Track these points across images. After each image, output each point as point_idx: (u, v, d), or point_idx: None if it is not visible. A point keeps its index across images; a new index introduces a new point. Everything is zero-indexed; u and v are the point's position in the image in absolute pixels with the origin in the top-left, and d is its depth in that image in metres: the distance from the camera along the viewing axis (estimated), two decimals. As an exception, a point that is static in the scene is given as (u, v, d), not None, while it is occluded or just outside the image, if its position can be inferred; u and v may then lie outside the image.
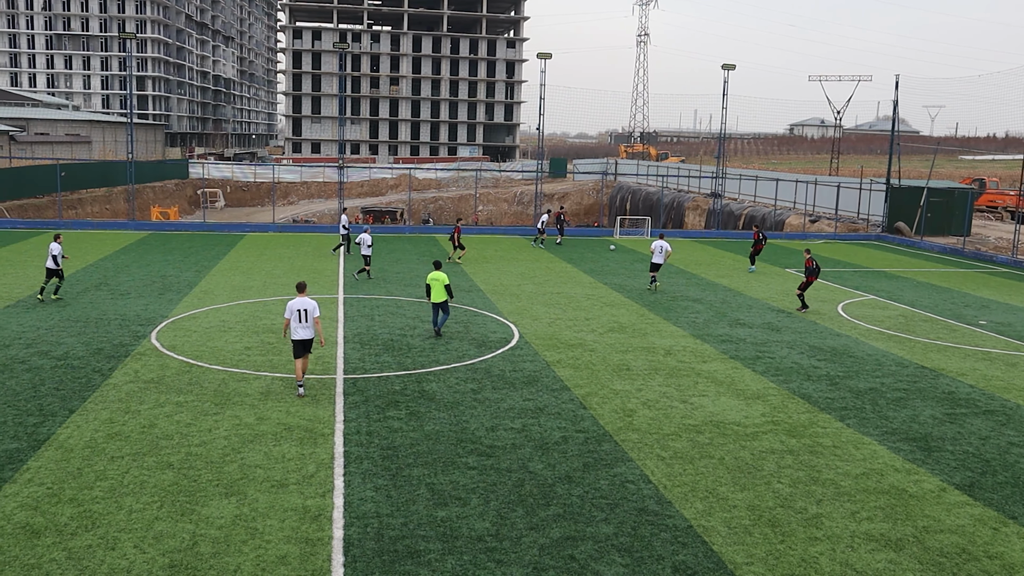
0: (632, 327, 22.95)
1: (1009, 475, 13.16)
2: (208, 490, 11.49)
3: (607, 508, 11.40)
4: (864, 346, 21.70)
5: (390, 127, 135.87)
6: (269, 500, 11.24)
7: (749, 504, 11.70)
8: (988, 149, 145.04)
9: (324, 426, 14.17)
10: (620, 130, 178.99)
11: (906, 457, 13.76)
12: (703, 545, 10.46)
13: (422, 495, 11.57)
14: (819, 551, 10.42)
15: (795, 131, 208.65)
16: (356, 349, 19.42)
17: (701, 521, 11.12)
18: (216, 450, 12.94)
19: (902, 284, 32.93)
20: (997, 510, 11.83)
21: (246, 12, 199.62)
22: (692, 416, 15.45)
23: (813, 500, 11.92)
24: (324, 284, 28.15)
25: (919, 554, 10.46)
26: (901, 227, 50.91)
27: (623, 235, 48.14)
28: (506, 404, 15.72)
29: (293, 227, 49.52)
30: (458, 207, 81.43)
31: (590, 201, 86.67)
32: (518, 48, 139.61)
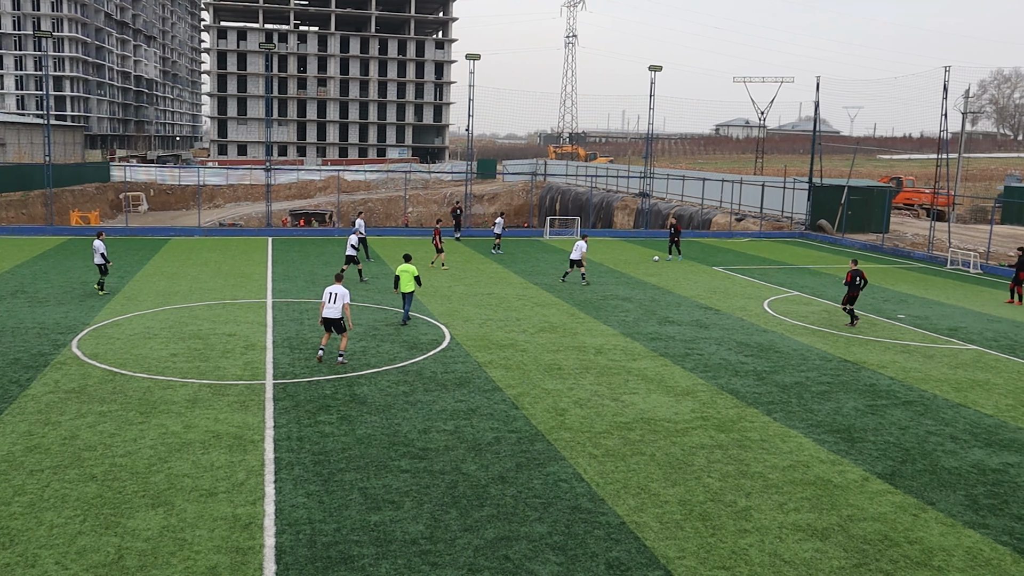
0: (563, 327, 23.10)
1: (927, 463, 13.61)
2: (134, 502, 11.20)
3: (541, 507, 11.46)
4: (789, 341, 22.22)
5: (318, 129, 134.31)
6: (198, 510, 11.00)
7: (680, 499, 11.87)
8: (904, 149, 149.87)
9: (254, 432, 13.94)
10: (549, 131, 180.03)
11: (831, 448, 14.13)
12: (636, 541, 10.58)
13: (355, 500, 11.46)
14: (749, 543, 10.63)
15: (720, 131, 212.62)
16: (286, 354, 19.15)
17: (634, 517, 11.25)
18: (142, 460, 12.62)
19: (825, 280, 33.81)
20: (916, 497, 12.23)
21: (168, 11, 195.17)
22: (623, 414, 15.61)
23: (742, 493, 12.15)
24: (252, 288, 27.69)
25: (844, 542, 10.75)
26: (823, 225, 52.26)
27: (553, 235, 48.41)
28: (438, 406, 15.68)
29: (220, 231, 48.58)
30: (388, 209, 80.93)
31: (520, 202, 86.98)
32: (447, 49, 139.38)
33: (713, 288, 30.68)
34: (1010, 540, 10.98)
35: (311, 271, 31.88)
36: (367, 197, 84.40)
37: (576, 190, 79.55)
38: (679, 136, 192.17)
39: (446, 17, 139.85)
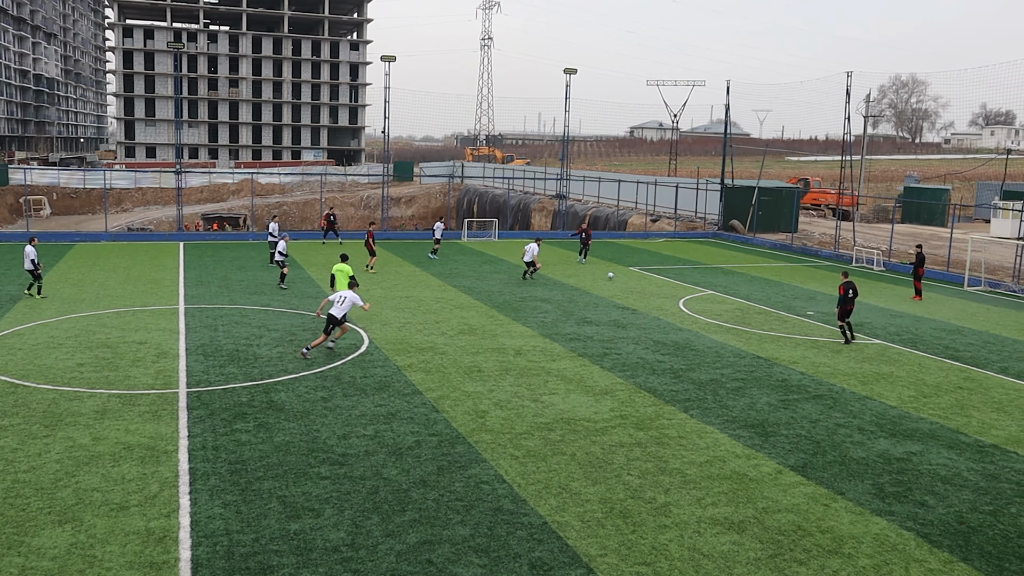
0: (482, 329, 23.12)
1: (837, 454, 14.07)
2: (39, 519, 10.77)
3: (463, 510, 11.44)
4: (704, 339, 22.68)
5: (230, 130, 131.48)
6: (108, 525, 10.64)
7: (601, 497, 12.00)
8: (811, 151, 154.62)
9: (167, 443, 13.56)
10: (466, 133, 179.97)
11: (745, 443, 14.47)
12: (558, 540, 10.65)
13: (273, 509, 11.25)
14: (668, 538, 10.81)
15: (635, 133, 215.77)
16: (199, 361, 18.68)
17: (555, 517, 11.32)
18: (47, 475, 12.14)
19: (737, 279, 34.63)
20: (827, 487, 12.62)
21: (70, 8, 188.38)
22: (543, 414, 15.71)
23: (661, 490, 12.35)
24: (163, 294, 26.93)
25: (760, 534, 11.02)
26: (735, 225, 53.53)
27: (471, 237, 48.42)
28: (358, 411, 15.51)
29: (128, 235, 47.12)
30: (304, 212, 79.76)
31: (437, 204, 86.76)
32: (362, 50, 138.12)
33: (630, 288, 31.12)
34: (914, 525, 11.42)
35: (225, 276, 31.18)
36: (282, 200, 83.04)
37: (493, 192, 79.75)
38: (595, 138, 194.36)
39: (360, 18, 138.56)
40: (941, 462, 13.93)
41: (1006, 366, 20.92)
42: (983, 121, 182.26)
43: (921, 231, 55.65)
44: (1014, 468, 13.79)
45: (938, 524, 11.53)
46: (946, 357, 21.57)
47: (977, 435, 15.42)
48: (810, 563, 10.31)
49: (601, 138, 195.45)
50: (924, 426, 15.82)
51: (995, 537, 11.21)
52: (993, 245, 42.98)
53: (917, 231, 55.52)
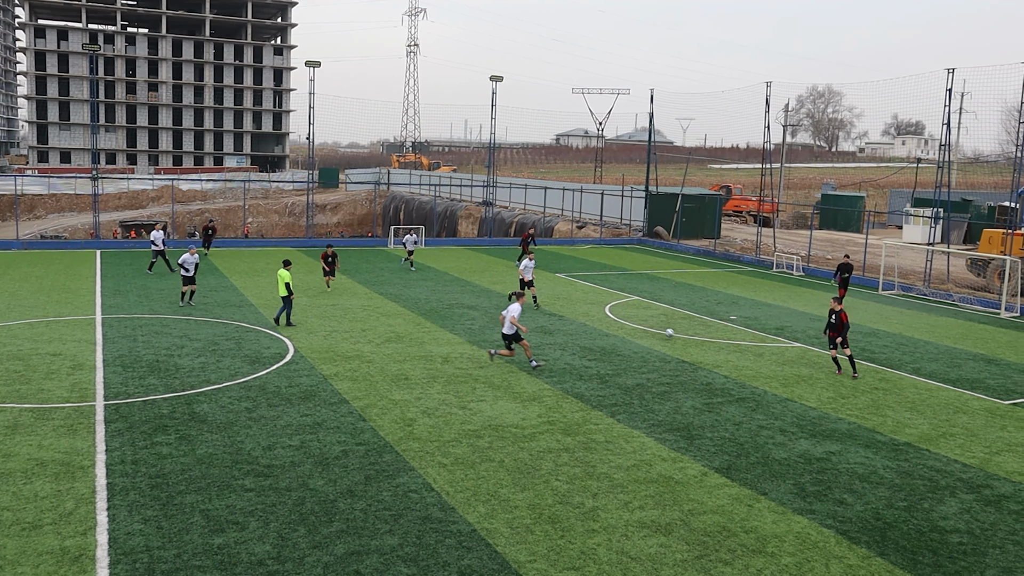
0: (409, 336, 22.99)
1: (760, 456, 14.37)
2: (-54, 538, 10.31)
3: (391, 519, 11.34)
4: (631, 344, 22.95)
5: (150, 136, 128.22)
6: (20, 545, 10.24)
7: (530, 503, 12.03)
8: (732, 158, 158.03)
9: (83, 458, 13.12)
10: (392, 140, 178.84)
11: (671, 447, 14.68)
12: (487, 547, 10.64)
13: (196, 523, 10.98)
14: (597, 542, 10.89)
15: (561, 141, 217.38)
16: (118, 373, 18.15)
17: (484, 524, 11.30)
18: (-46, 493, 11.63)
19: (662, 284, 35.15)
20: (751, 488, 12.88)
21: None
22: (471, 421, 15.68)
23: (589, 494, 12.44)
24: (79, 304, 26.10)
25: (686, 535, 11.18)
26: (660, 231, 54.35)
27: (397, 245, 48.11)
28: (283, 421, 15.26)
29: (41, 243, 45.58)
30: (227, 219, 78.23)
31: (364, 211, 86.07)
32: (286, 56, 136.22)
33: (557, 295, 31.32)
34: (834, 523, 11.73)
35: (144, 285, 30.37)
36: (204, 207, 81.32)
37: (420, 199, 79.48)
38: (521, 145, 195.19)
39: (285, 23, 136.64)
40: (859, 461, 14.34)
41: (918, 367, 21.67)
42: (895, 131, 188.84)
43: (838, 237, 57.35)
44: (926, 465, 14.28)
45: (856, 521, 11.87)
46: (862, 359, 22.23)
47: (892, 434, 15.93)
48: (735, 563, 10.51)
49: (527, 145, 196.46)
50: (842, 426, 16.27)
51: (909, 532, 11.59)
52: (905, 250, 44.52)
53: (834, 237, 57.19)
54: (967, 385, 19.99)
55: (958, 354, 23.50)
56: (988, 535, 11.64)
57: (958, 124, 66.25)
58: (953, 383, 20.12)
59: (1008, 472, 14.15)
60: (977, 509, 12.51)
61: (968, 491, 13.21)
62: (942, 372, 21.19)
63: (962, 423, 16.87)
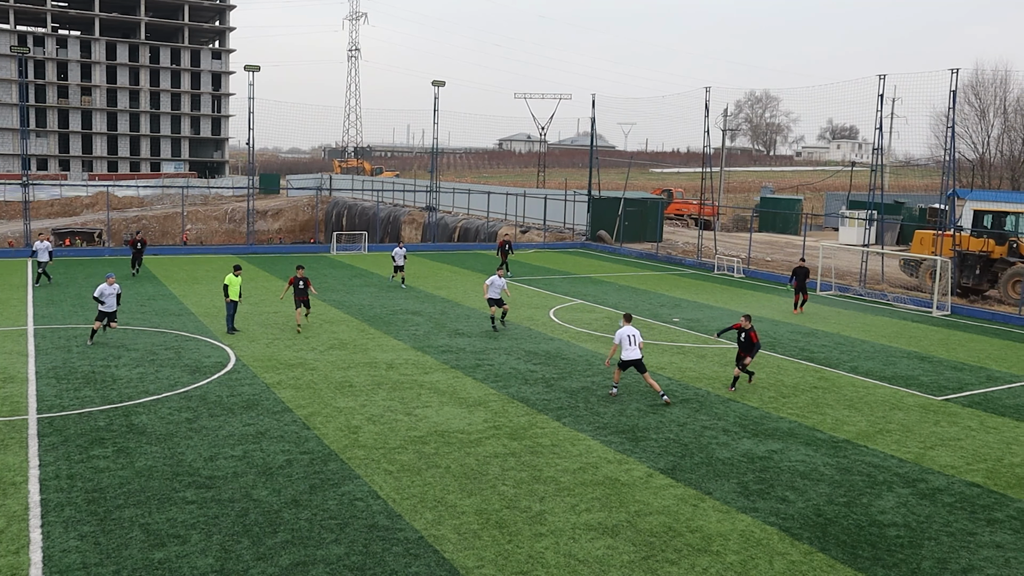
0: (353, 343, 22.79)
1: (704, 456, 14.54)
2: None
3: (337, 529, 11.21)
4: (575, 348, 23.05)
5: (83, 141, 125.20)
6: (-51, 563, 9.90)
7: (477, 509, 12.00)
8: (673, 163, 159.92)
9: (15, 474, 12.73)
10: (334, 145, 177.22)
11: (617, 448, 14.77)
12: (435, 554, 10.58)
13: (136, 537, 10.73)
14: (544, 546, 10.90)
15: (504, 146, 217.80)
16: (51, 385, 17.66)
17: (431, 531, 11.24)
18: None
19: (606, 288, 35.39)
20: (696, 488, 13.02)
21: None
22: (417, 428, 15.60)
23: (536, 498, 12.45)
24: (9, 315, 25.33)
25: (633, 536, 11.26)
26: (603, 235, 54.76)
27: (340, 251, 47.72)
28: (225, 431, 15.00)
29: (-31, 253, 44.13)
30: (164, 226, 76.77)
31: (305, 217, 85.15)
32: (224, 60, 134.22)
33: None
34: (776, 520, 11.92)
35: (78, 294, 29.61)
36: (141, 214, 79.67)
37: (363, 204, 78.93)
38: (464, 150, 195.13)
39: (223, 26, 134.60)
40: (800, 459, 14.60)
41: (856, 365, 22.16)
42: (830, 135, 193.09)
43: (777, 239, 58.41)
44: (864, 461, 14.60)
45: (798, 518, 12.07)
46: (802, 359, 22.66)
47: (831, 431, 16.26)
48: (681, 562, 10.61)
49: (470, 150, 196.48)
50: (784, 425, 16.55)
51: (849, 527, 11.83)
52: (842, 252, 45.52)
53: (773, 239, 58.23)
54: (902, 382, 20.50)
55: (893, 352, 24.08)
56: (924, 527, 11.93)
57: (890, 129, 68.18)
58: (889, 380, 20.61)
59: (941, 466, 14.53)
60: (913, 503, 12.83)
61: (904, 485, 13.53)
62: (878, 370, 21.70)
63: (898, 419, 17.29)
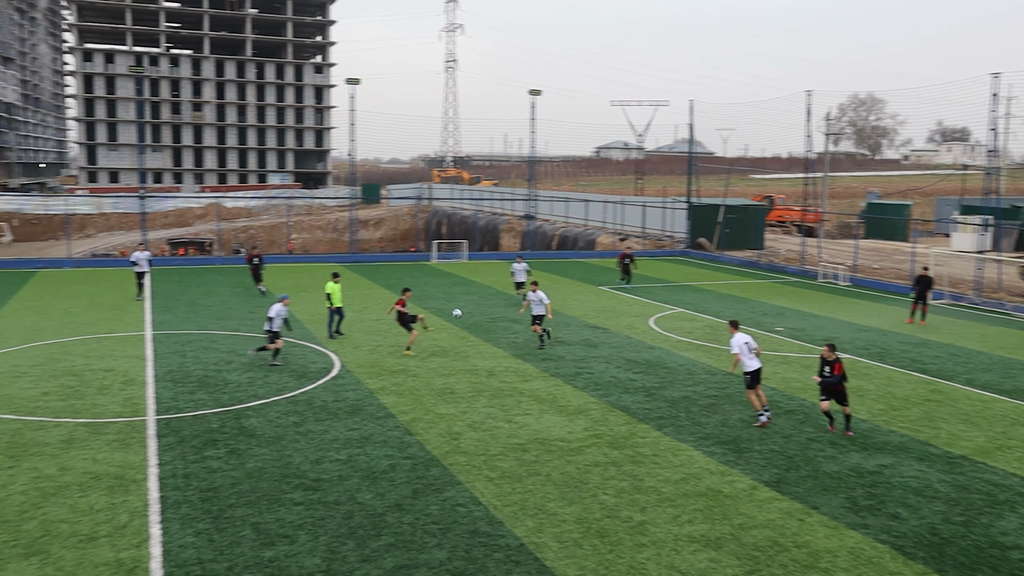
0: (454, 350, 23.04)
1: (810, 469, 14.15)
2: (4, 552, 10.52)
3: (439, 533, 11.34)
4: (676, 357, 22.77)
5: (195, 154, 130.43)
6: (77, 557, 10.42)
7: (577, 517, 11.96)
8: (774, 168, 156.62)
9: (136, 472, 13.33)
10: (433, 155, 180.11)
11: (720, 460, 14.51)
12: (535, 562, 10.59)
13: (247, 536, 11.09)
14: (646, 557, 10.79)
15: (601, 153, 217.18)
16: (168, 388, 18.43)
17: (532, 538, 11.26)
18: (12, 507, 11.87)
19: (706, 296, 34.87)
20: (802, 502, 12.68)
21: (28, 32, 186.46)
22: (518, 435, 15.66)
23: (637, 508, 12.34)
24: (130, 321, 26.56)
25: (737, 550, 11.04)
26: (703, 242, 53.97)
27: (440, 259, 48.35)
28: (330, 435, 15.37)
29: (92, 261, 46.54)
30: (271, 235, 79.20)
31: (406, 226, 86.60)
32: (326, 73, 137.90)
33: (600, 307, 31.21)
34: (888, 538, 11.50)
35: (192, 301, 30.83)
36: (249, 224, 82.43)
37: (462, 213, 79.79)
38: (561, 158, 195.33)
39: (324, 41, 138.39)
40: (912, 474, 14.06)
41: (972, 377, 21.21)
42: (940, 138, 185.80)
43: (884, 246, 56.46)
44: (983, 479, 13.96)
45: (912, 536, 11.62)
46: (913, 370, 21.83)
47: (946, 447, 15.60)
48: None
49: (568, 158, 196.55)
50: (894, 439, 15.97)
51: (968, 548, 11.33)
52: (954, 259, 43.70)
53: (880, 246, 56.31)
54: (1023, 396, 19.52)
55: (1012, 364, 22.97)
56: (1050, 550, 11.33)
57: (1006, 129, 65.08)
58: (1008, 394, 19.67)
59: (1069, 485, 13.78)
60: (1037, 523, 12.19)
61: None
62: (996, 383, 20.73)
63: (1019, 436, 16.47)
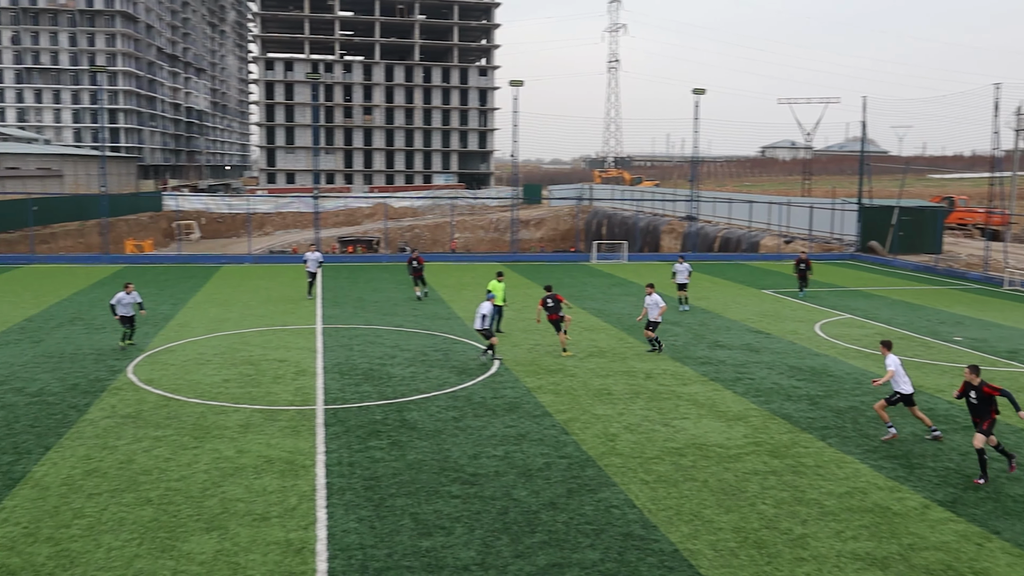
0: (612, 351, 22.97)
1: (990, 490, 13.22)
2: (188, 525, 11.32)
3: (592, 534, 11.34)
4: (843, 365, 21.83)
5: (364, 156, 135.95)
6: (251, 534, 11.08)
7: (734, 526, 11.68)
8: (955, 167, 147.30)
9: (305, 458, 14.03)
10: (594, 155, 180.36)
11: (888, 475, 13.80)
12: (690, 569, 10.42)
13: (406, 525, 11.46)
14: (806, 572, 10.40)
15: (767, 153, 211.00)
16: (336, 379, 19.29)
17: (687, 545, 11.08)
18: (196, 485, 12.76)
19: (877, 302, 33.22)
20: (980, 525, 11.87)
21: (217, 44, 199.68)
22: (674, 439, 15.44)
23: (798, 520, 11.92)
24: (302, 314, 28.00)
25: (905, 572, 10.46)
26: (874, 246, 51.45)
27: (600, 259, 48.30)
28: (488, 431, 15.65)
29: (269, 258, 49.30)
30: (435, 235, 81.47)
31: (566, 227, 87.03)
32: (490, 76, 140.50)
33: (763, 312, 30.32)
34: (1080, 570, 10.59)
35: (359, 297, 32.14)
36: (414, 223, 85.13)
37: (622, 214, 79.40)
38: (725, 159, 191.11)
39: (489, 44, 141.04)
40: (1109, 501, 12.89)
41: None
42: None
43: (1081, 252, 51.98)
44: None
45: (1107, 568, 10.66)
46: (1112, 388, 20.00)
47: None
48: (962, 604, 9.71)
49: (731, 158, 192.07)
50: (1089, 462, 14.68)
51: None
52: None
53: (1076, 252, 51.88)
54: None
55: None
56: None
57: None
58: None
59: None
60: None
61: None
62: None
63: None
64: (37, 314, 27.33)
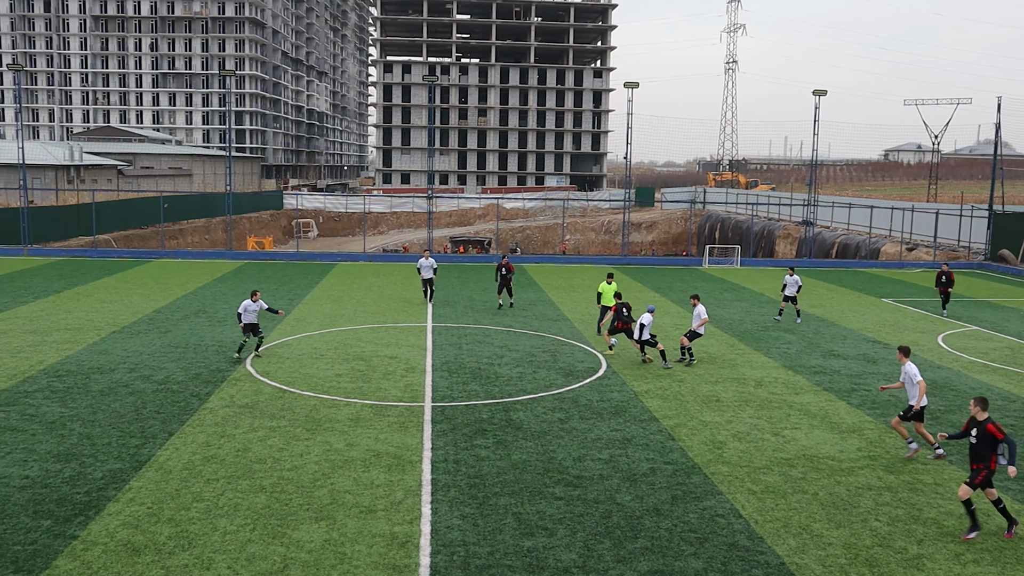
0: (722, 358, 22.55)
1: None
2: (299, 514, 11.69)
3: (696, 542, 11.17)
4: (967, 379, 20.83)
5: (478, 157, 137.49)
6: (358, 526, 11.36)
7: (845, 542, 11.29)
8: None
9: (412, 453, 14.29)
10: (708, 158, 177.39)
11: (1015, 497, 13.10)
12: (797, 583, 10.13)
13: (509, 524, 11.53)
14: (921, 593, 9.98)
15: (890, 157, 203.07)
16: (444, 377, 19.58)
17: (794, 558, 10.78)
18: (307, 475, 13.17)
19: (1008, 314, 31.54)
20: (1116, 555, 11.13)
21: (339, 48, 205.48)
22: (784, 449, 15.04)
23: (914, 540, 11.43)
24: (413, 313, 28.53)
25: (1030, 599, 9.91)
26: (1005, 255, 48.86)
27: (712, 264, 47.48)
28: (593, 434, 15.60)
29: (383, 256, 50.41)
30: (546, 236, 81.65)
31: (678, 230, 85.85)
32: (605, 78, 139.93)
33: (882, 321, 29.21)
34: None
35: (470, 296, 32.53)
36: (526, 224, 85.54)
37: (736, 218, 77.81)
38: (845, 162, 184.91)
39: (604, 46, 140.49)
40: None
41: None
42: None
43: None
44: None
45: None
46: None
47: None
48: (1093, 637, 9.13)
49: (852, 162, 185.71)
50: None
51: None
52: None
53: None
54: None
55: None
56: None
57: None
58: None
59: None
60: None
61: None
62: None
63: None
64: (165, 306, 28.73)
